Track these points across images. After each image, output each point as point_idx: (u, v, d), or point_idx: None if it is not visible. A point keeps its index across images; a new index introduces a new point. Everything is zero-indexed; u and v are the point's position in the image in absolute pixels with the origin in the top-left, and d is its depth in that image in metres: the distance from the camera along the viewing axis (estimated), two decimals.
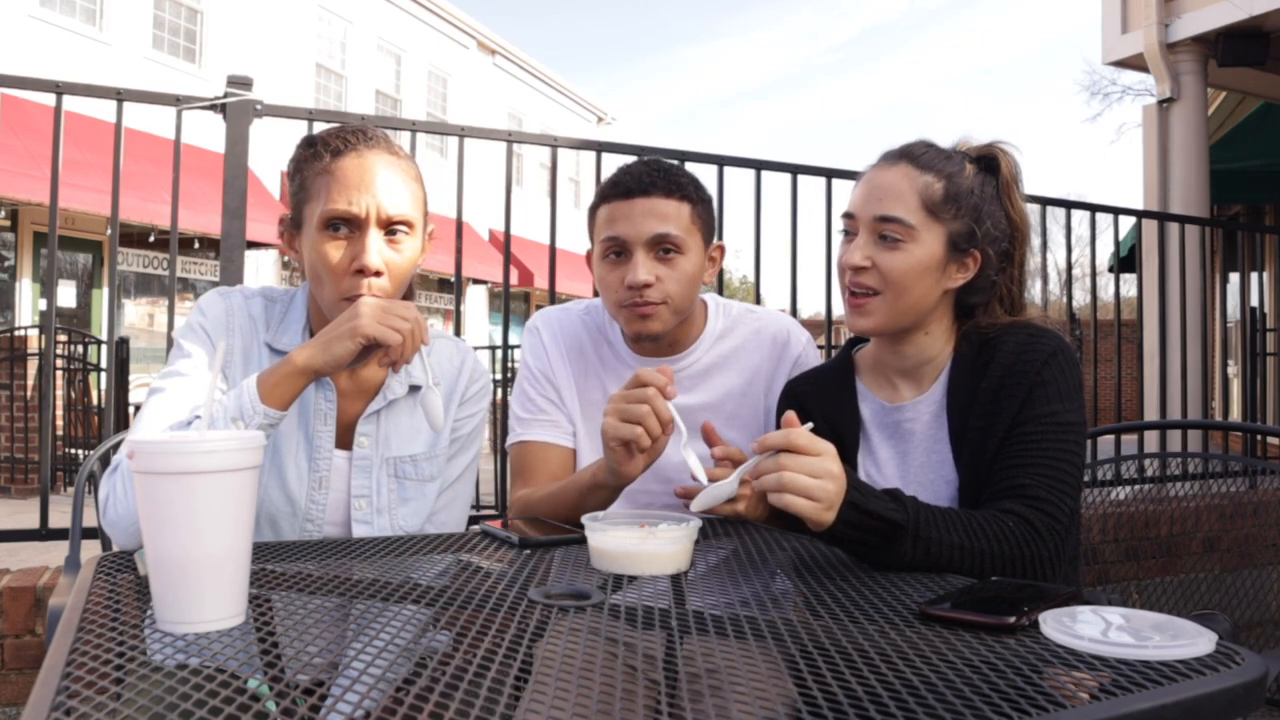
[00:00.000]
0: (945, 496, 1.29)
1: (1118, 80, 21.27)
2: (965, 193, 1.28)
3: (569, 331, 1.61)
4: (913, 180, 1.27)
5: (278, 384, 1.15)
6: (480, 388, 1.46)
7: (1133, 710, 0.61)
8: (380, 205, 1.25)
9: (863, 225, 1.28)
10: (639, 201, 1.44)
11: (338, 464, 1.34)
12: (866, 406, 1.38)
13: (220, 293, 1.36)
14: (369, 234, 1.24)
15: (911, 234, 1.25)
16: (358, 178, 1.24)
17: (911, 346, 1.33)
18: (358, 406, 1.36)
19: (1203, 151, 5.61)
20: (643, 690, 0.72)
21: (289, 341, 1.33)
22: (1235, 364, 6.16)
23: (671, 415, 1.19)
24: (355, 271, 1.24)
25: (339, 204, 1.23)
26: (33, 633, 2.15)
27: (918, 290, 1.27)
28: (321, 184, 1.25)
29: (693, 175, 1.51)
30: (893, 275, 1.25)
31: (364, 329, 1.14)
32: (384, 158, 1.28)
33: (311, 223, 1.26)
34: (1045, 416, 1.21)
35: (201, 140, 3.67)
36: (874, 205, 1.27)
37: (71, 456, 6.29)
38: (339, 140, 1.27)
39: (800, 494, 0.99)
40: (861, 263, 1.26)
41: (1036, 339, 1.26)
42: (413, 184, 1.31)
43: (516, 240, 13.67)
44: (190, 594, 0.80)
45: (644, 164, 1.48)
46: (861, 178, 1.33)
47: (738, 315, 1.61)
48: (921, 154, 1.30)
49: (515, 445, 1.57)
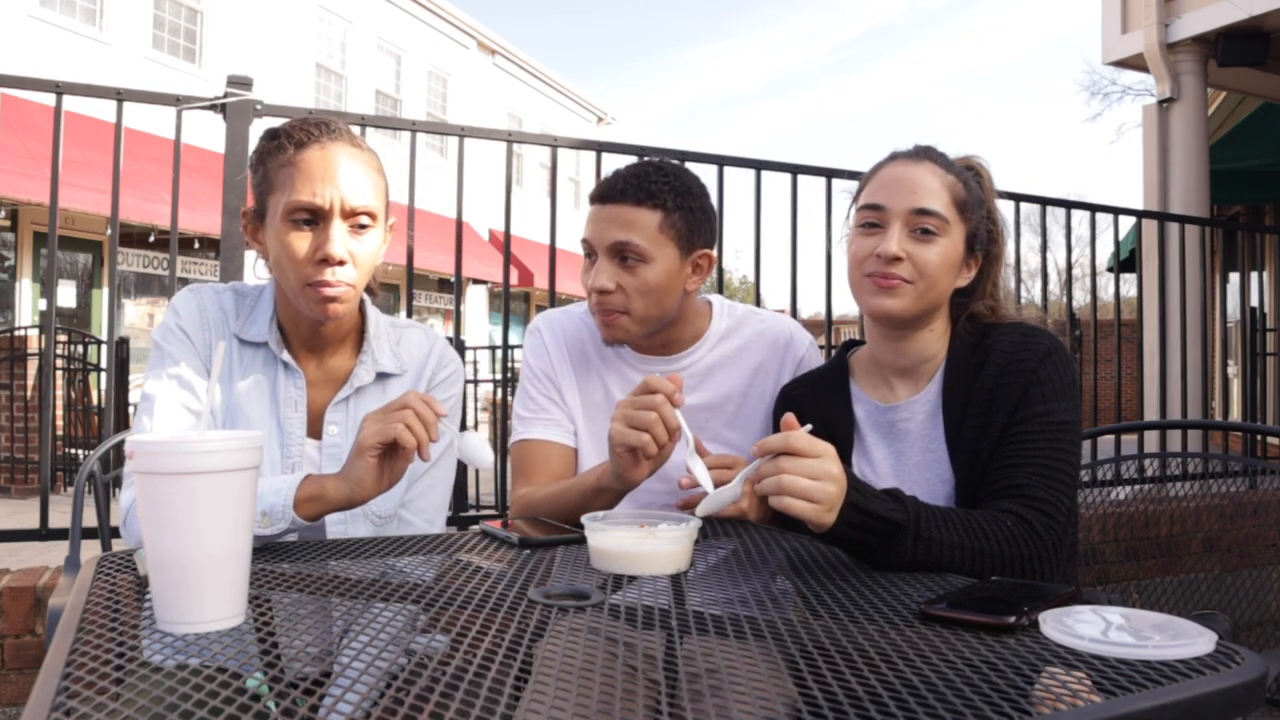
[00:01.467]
0: (941, 496, 1.29)
1: (1118, 80, 21.28)
2: (975, 198, 1.33)
3: (570, 332, 1.62)
4: (942, 178, 1.30)
5: (312, 503, 1.15)
6: (450, 373, 1.46)
7: (1133, 710, 0.61)
8: (344, 196, 1.26)
9: (896, 217, 1.29)
10: (609, 208, 1.45)
11: (308, 452, 1.35)
12: (860, 408, 1.39)
13: (191, 290, 1.38)
14: (333, 224, 1.26)
15: (945, 228, 1.28)
16: (321, 169, 1.26)
17: (914, 343, 1.34)
18: (326, 395, 1.38)
19: (1203, 151, 5.61)
20: (643, 690, 0.72)
21: (256, 332, 1.35)
22: (1235, 364, 6.16)
23: (679, 423, 1.19)
24: (319, 261, 1.25)
25: (303, 195, 1.25)
26: (33, 633, 2.15)
27: (944, 283, 1.30)
28: (285, 175, 1.26)
29: (679, 184, 1.47)
30: (929, 268, 1.27)
31: (368, 441, 1.12)
32: (346, 149, 1.29)
33: (276, 214, 1.27)
34: (1041, 416, 1.22)
35: (201, 140, 3.66)
36: (910, 198, 1.28)
37: (71, 456, 6.29)
38: (302, 132, 1.28)
39: (800, 496, 0.99)
40: (898, 253, 1.27)
41: (1031, 338, 1.28)
42: (375, 175, 1.33)
43: (516, 240, 13.65)
44: (190, 594, 0.80)
45: (627, 170, 1.48)
46: (878, 172, 1.34)
47: (742, 316, 1.62)
48: (940, 156, 1.34)
49: (517, 444, 1.57)
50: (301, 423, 1.35)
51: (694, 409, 1.53)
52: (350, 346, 1.40)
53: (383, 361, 1.39)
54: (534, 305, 20.29)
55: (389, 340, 1.42)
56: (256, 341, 1.36)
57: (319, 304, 1.27)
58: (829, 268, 3.12)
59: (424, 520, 1.42)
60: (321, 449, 1.36)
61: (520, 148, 8.14)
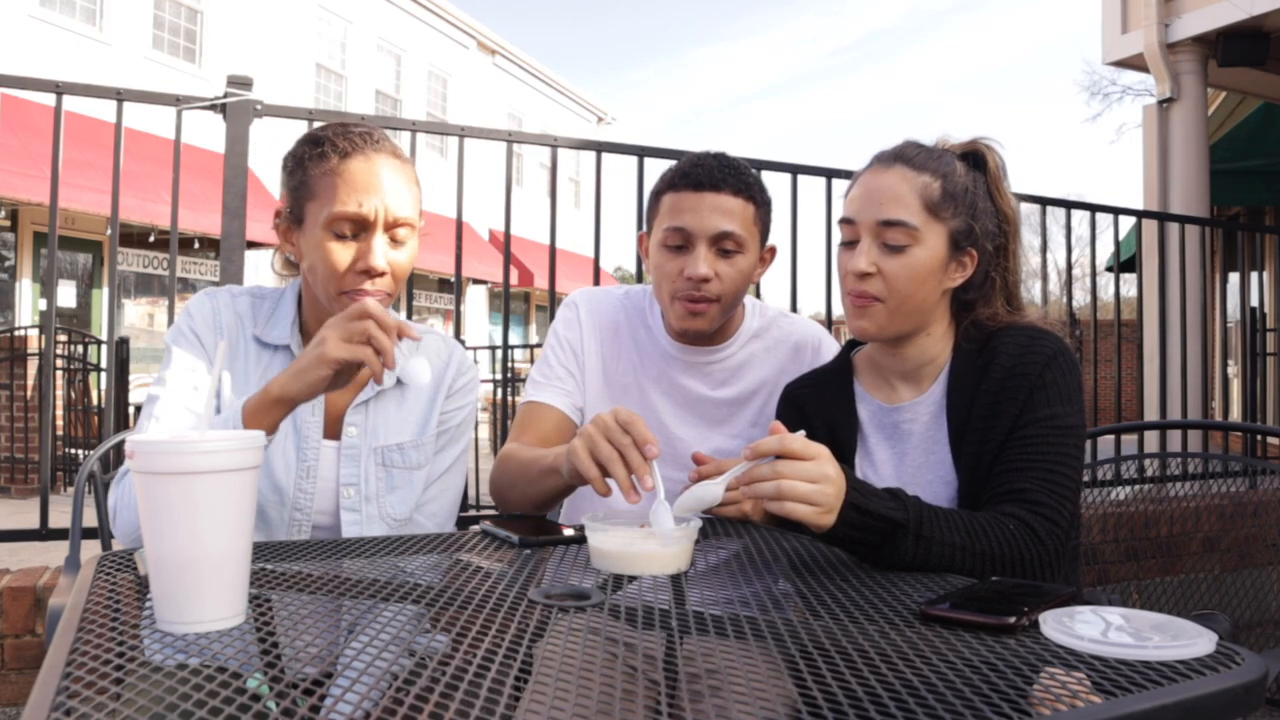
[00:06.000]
0: (944, 498, 1.28)
1: (1118, 80, 21.29)
2: (960, 190, 1.27)
3: (606, 311, 1.64)
4: (911, 181, 1.25)
5: (257, 411, 1.15)
6: (467, 381, 1.47)
7: (1133, 710, 0.61)
8: (388, 208, 1.27)
9: (865, 230, 1.26)
10: (708, 196, 1.45)
11: (325, 453, 1.35)
12: (864, 408, 1.38)
13: (207, 293, 1.38)
14: (375, 236, 1.26)
15: (915, 236, 1.24)
16: (365, 180, 1.26)
17: (912, 349, 1.32)
18: (346, 397, 1.38)
19: (1203, 152, 5.60)
20: (643, 690, 0.72)
21: (278, 335, 1.35)
22: (1235, 364, 6.15)
23: (653, 475, 1.11)
24: (360, 272, 1.26)
25: (349, 206, 1.25)
26: (33, 633, 2.15)
27: (921, 294, 1.26)
28: (328, 184, 1.26)
29: (757, 177, 1.51)
30: (898, 282, 1.24)
31: (330, 354, 1.11)
32: (390, 161, 1.30)
33: (316, 222, 1.27)
34: (1046, 420, 1.21)
35: (201, 140, 3.67)
36: (875, 210, 1.25)
37: (71, 456, 6.28)
38: (346, 141, 1.28)
39: (799, 500, 0.99)
40: (867, 269, 1.24)
41: (1037, 340, 1.26)
42: (414, 187, 1.34)
43: (516, 240, 13.65)
44: (190, 594, 0.80)
45: (715, 158, 1.49)
46: (856, 181, 1.31)
47: (772, 318, 1.64)
48: (915, 155, 1.28)
49: (524, 404, 1.60)
50: (319, 425, 1.35)
51: (721, 403, 1.57)
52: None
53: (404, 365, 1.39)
54: (534, 305, 20.28)
55: (409, 346, 1.42)
56: (278, 344, 1.35)
57: None
58: (829, 268, 3.12)
59: (435, 525, 1.44)
60: (339, 449, 1.36)
61: (520, 148, 8.14)
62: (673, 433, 1.57)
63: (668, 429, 1.57)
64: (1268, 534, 2.96)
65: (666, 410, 1.58)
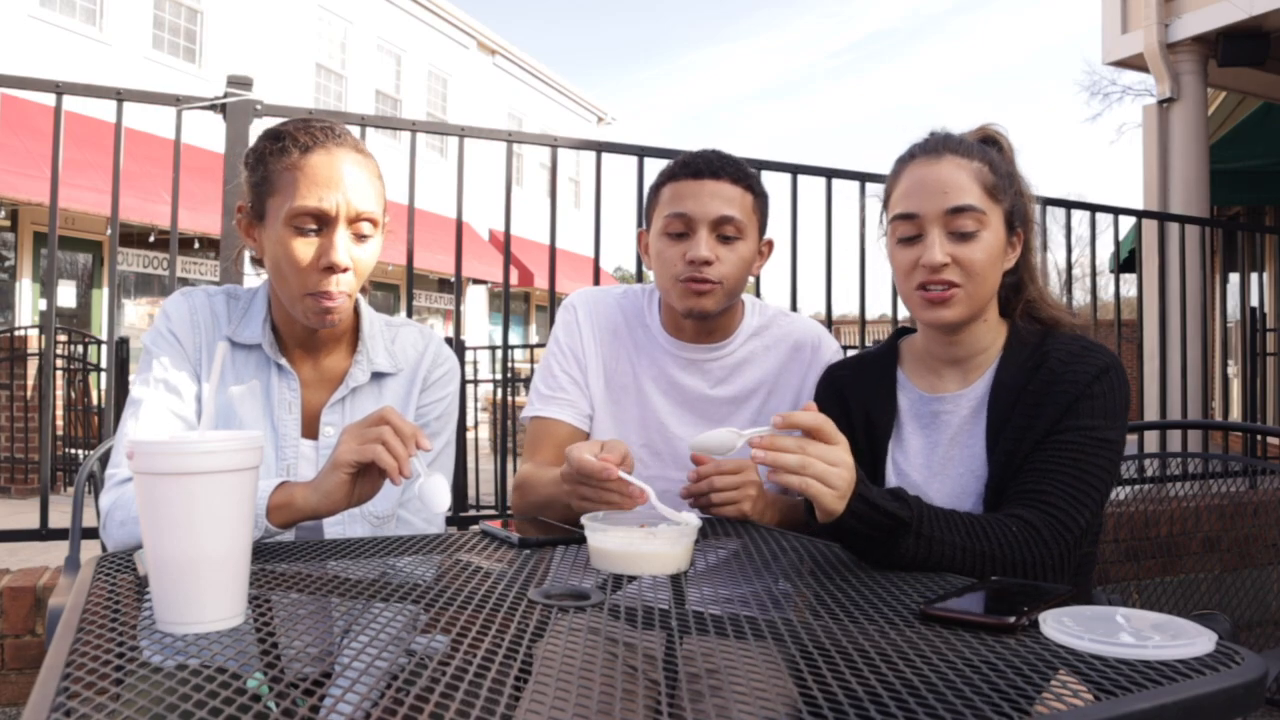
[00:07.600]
0: (972, 491, 1.28)
1: (1118, 80, 21.29)
2: (1005, 173, 1.30)
3: (604, 312, 1.64)
4: (966, 168, 1.26)
5: (280, 510, 1.13)
6: (445, 372, 1.45)
7: (1133, 710, 0.61)
8: (350, 202, 1.25)
9: (931, 222, 1.26)
10: (708, 183, 1.49)
11: (304, 453, 1.35)
12: (905, 396, 1.38)
13: (183, 293, 1.37)
14: (337, 231, 1.25)
15: (983, 220, 1.25)
16: (327, 175, 1.24)
17: (969, 335, 1.32)
18: (322, 396, 1.37)
19: (1203, 151, 5.60)
20: (643, 690, 0.72)
21: (250, 335, 1.34)
22: (1235, 364, 6.15)
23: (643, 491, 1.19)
24: (323, 269, 1.25)
25: (309, 201, 1.23)
26: (33, 633, 2.15)
27: (993, 277, 1.28)
28: (289, 179, 1.25)
29: (753, 171, 1.55)
30: (975, 266, 1.25)
31: (342, 458, 1.10)
32: (351, 155, 1.28)
33: (278, 217, 1.25)
34: (1085, 429, 1.20)
35: (201, 140, 3.66)
36: (940, 199, 1.25)
37: (71, 456, 6.29)
38: (307, 135, 1.26)
39: (818, 478, 1.00)
40: (944, 259, 1.24)
41: (1091, 351, 1.26)
42: (377, 180, 1.32)
43: (516, 240, 13.65)
44: (190, 594, 0.80)
45: (713, 151, 1.54)
46: (902, 175, 1.31)
47: (772, 316, 1.65)
48: (958, 143, 1.29)
49: (532, 419, 1.61)
50: (296, 424, 1.34)
51: (720, 401, 1.58)
52: (345, 346, 1.40)
53: (378, 361, 1.38)
54: (534, 305, 20.28)
55: (384, 339, 1.41)
56: (250, 344, 1.35)
57: (318, 314, 1.27)
58: (829, 268, 3.12)
59: (422, 520, 1.42)
60: (318, 449, 1.35)
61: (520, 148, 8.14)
62: (672, 431, 1.57)
63: (667, 428, 1.57)
64: (1268, 534, 2.96)
65: (665, 409, 1.58)
